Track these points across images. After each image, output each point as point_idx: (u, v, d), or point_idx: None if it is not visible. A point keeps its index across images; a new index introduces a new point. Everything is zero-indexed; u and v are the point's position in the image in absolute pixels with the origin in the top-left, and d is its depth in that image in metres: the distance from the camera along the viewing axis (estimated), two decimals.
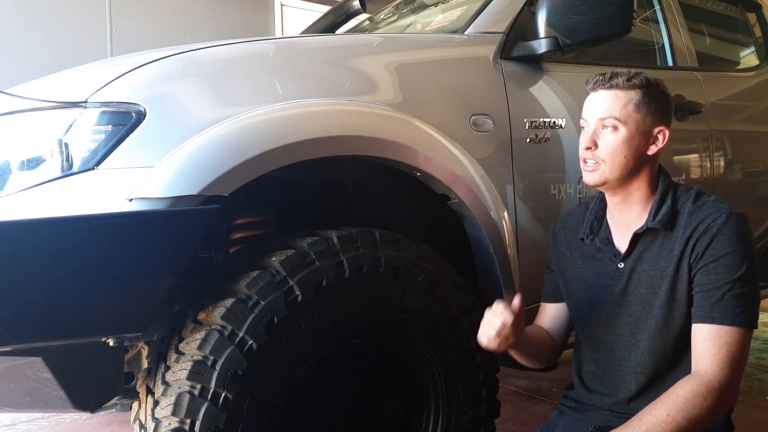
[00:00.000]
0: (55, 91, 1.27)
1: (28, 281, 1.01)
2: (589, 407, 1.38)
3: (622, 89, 1.27)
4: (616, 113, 1.26)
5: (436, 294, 1.45)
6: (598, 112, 1.28)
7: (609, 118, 1.26)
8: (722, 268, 1.19)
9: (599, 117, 1.27)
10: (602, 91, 1.28)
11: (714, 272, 1.20)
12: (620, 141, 1.26)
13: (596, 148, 1.27)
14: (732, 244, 1.20)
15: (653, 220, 1.27)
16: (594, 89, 1.30)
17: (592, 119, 1.29)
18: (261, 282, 1.23)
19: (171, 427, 1.16)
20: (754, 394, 2.61)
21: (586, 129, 1.31)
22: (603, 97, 1.28)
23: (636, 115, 1.26)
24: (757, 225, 2.51)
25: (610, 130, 1.27)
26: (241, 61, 1.36)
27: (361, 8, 2.78)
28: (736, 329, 1.17)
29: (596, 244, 1.37)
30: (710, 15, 2.87)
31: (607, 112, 1.27)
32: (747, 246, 1.21)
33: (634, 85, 1.26)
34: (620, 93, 1.27)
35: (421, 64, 1.59)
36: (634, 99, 1.26)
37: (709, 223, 1.22)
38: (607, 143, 1.26)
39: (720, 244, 1.20)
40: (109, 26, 4.46)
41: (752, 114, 2.60)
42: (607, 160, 1.26)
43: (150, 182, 1.14)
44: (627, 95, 1.26)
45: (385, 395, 1.52)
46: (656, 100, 1.28)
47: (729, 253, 1.19)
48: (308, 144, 1.29)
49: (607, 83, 1.28)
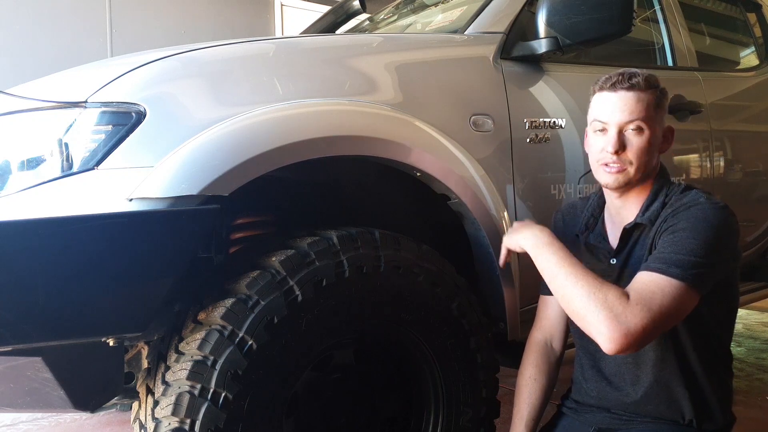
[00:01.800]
0: (55, 91, 1.27)
1: (29, 281, 1.00)
2: (589, 408, 1.38)
3: (643, 90, 1.26)
4: (642, 115, 1.25)
5: (436, 294, 1.45)
6: (622, 114, 1.25)
7: (636, 121, 1.25)
8: (676, 238, 1.17)
9: (625, 120, 1.25)
10: (623, 92, 1.26)
11: (667, 242, 1.18)
12: (647, 142, 1.25)
13: (623, 151, 1.26)
14: (693, 222, 1.18)
15: (642, 216, 1.28)
16: (613, 89, 1.27)
17: (613, 121, 1.26)
18: (261, 282, 1.23)
19: (171, 427, 1.16)
20: (754, 394, 2.61)
21: (606, 131, 1.28)
22: (626, 98, 1.26)
23: (655, 115, 1.27)
24: (757, 225, 2.51)
25: (634, 132, 1.25)
26: (241, 61, 1.36)
27: (361, 8, 2.78)
28: (669, 279, 1.13)
29: (590, 240, 1.38)
30: (710, 15, 2.87)
31: (633, 115, 1.25)
32: (711, 229, 1.17)
33: (650, 85, 1.27)
34: (641, 95, 1.26)
35: (421, 64, 1.59)
36: (653, 100, 1.27)
37: (678, 206, 1.22)
38: (634, 145, 1.25)
39: (682, 220, 1.19)
40: (109, 26, 4.46)
41: (752, 114, 2.60)
42: (635, 161, 1.26)
43: (150, 182, 1.14)
44: (647, 96, 1.26)
45: (385, 395, 1.52)
46: (666, 100, 1.30)
47: (686, 228, 1.17)
48: (308, 144, 1.29)
49: (626, 83, 1.26)
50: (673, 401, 1.27)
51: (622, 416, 1.32)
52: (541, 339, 1.48)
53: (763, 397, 2.58)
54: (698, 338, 1.26)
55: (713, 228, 1.17)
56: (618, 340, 1.08)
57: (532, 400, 1.42)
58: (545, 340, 1.48)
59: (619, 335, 1.08)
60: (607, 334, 1.09)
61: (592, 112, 1.32)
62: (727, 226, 1.19)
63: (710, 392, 1.27)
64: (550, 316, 1.48)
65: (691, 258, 1.14)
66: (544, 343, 1.47)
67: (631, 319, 1.08)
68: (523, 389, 1.44)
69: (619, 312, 1.09)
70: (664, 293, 1.11)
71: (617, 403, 1.33)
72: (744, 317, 4.01)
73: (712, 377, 1.28)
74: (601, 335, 1.10)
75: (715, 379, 1.29)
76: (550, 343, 1.48)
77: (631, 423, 1.31)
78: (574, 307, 1.15)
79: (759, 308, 4.08)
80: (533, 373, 1.44)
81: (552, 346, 1.48)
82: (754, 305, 3.46)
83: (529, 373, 1.45)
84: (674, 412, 1.27)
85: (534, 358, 1.46)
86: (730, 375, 1.34)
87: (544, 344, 1.47)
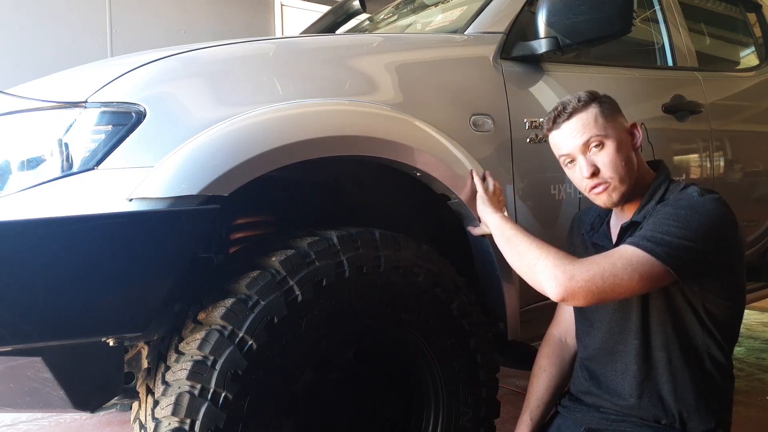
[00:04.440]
0: (55, 91, 1.27)
1: (29, 281, 1.00)
2: (581, 407, 1.39)
3: (581, 111, 1.30)
4: (594, 131, 1.28)
5: (436, 294, 1.45)
6: (576, 139, 1.30)
7: (591, 138, 1.28)
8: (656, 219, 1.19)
9: (581, 142, 1.29)
10: (565, 123, 1.31)
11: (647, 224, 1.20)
12: (613, 151, 1.28)
13: (598, 171, 1.29)
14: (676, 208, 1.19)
15: (638, 214, 1.30)
16: (556, 125, 1.33)
17: (573, 149, 1.31)
18: (261, 282, 1.23)
19: (171, 427, 1.16)
20: (754, 394, 2.62)
21: (575, 162, 1.32)
22: (572, 126, 1.30)
23: (607, 123, 1.30)
24: (757, 225, 2.51)
25: (597, 149, 1.29)
26: (241, 61, 1.36)
27: (361, 8, 2.78)
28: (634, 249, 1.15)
29: (594, 239, 1.39)
30: (710, 15, 2.87)
31: (585, 134, 1.29)
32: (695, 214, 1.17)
33: (586, 102, 1.30)
34: (582, 115, 1.30)
35: (421, 64, 1.59)
36: (596, 112, 1.30)
37: (671, 199, 1.25)
38: (604, 160, 1.28)
39: (668, 206, 1.21)
40: (109, 26, 4.46)
41: (752, 114, 2.60)
42: (614, 173, 1.28)
43: (150, 182, 1.14)
44: (589, 113, 1.30)
45: (385, 395, 1.52)
46: (610, 104, 1.33)
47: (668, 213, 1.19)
48: (308, 144, 1.29)
49: (565, 114, 1.31)
50: (661, 403, 1.27)
51: (611, 416, 1.33)
52: (557, 335, 1.54)
53: (763, 397, 2.58)
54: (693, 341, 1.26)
55: (698, 213, 1.18)
56: (562, 284, 1.13)
57: (539, 390, 1.47)
58: (560, 335, 1.54)
59: (563, 278, 1.13)
60: (552, 275, 1.14)
61: (555, 152, 1.38)
62: (717, 215, 1.19)
63: (702, 397, 1.26)
64: (567, 314, 1.53)
65: (665, 237, 1.15)
66: (559, 338, 1.54)
67: (577, 268, 1.14)
68: (532, 380, 1.51)
69: (566, 262, 1.16)
70: (623, 257, 1.15)
71: (607, 403, 1.34)
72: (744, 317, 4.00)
73: (707, 383, 1.27)
74: (547, 278, 1.15)
75: (709, 385, 1.27)
76: (565, 338, 1.53)
77: (620, 423, 1.32)
78: (527, 260, 1.20)
79: (759, 308, 4.08)
80: (544, 364, 1.51)
81: (567, 341, 1.53)
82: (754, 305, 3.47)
83: (540, 363, 1.51)
84: (663, 414, 1.27)
85: (547, 350, 1.52)
86: (730, 381, 1.32)
87: (559, 339, 1.53)
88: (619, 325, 1.31)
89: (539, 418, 1.45)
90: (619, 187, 1.29)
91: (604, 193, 1.29)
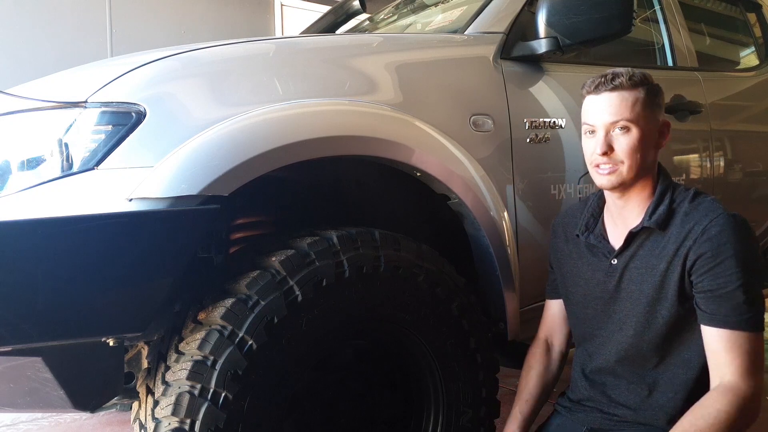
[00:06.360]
0: (55, 91, 1.27)
1: (29, 281, 1.00)
2: (583, 408, 1.39)
3: (627, 89, 1.25)
4: (627, 115, 1.24)
5: (436, 294, 1.45)
6: (607, 115, 1.26)
7: (621, 121, 1.25)
8: (728, 270, 1.17)
9: (610, 121, 1.25)
10: (606, 93, 1.26)
11: (721, 276, 1.18)
12: (636, 140, 1.25)
13: (612, 152, 1.26)
14: (734, 247, 1.18)
15: (649, 220, 1.27)
16: (597, 91, 1.28)
17: (599, 123, 1.27)
18: (261, 282, 1.23)
19: (171, 427, 1.16)
20: None
21: (595, 133, 1.28)
22: (609, 100, 1.26)
23: (644, 112, 1.26)
24: (757, 225, 2.51)
25: (621, 131, 1.25)
26: (241, 61, 1.36)
27: (361, 8, 2.78)
28: (751, 334, 1.17)
29: (590, 240, 1.37)
30: (710, 15, 2.87)
31: (617, 115, 1.25)
32: (749, 247, 1.20)
33: (636, 83, 1.26)
34: (625, 93, 1.25)
35: (421, 64, 1.59)
36: (640, 97, 1.26)
37: (707, 224, 1.20)
38: (623, 145, 1.25)
39: (722, 246, 1.18)
40: (109, 26, 4.46)
41: (752, 114, 2.60)
42: (626, 160, 1.25)
43: (150, 182, 1.14)
44: (633, 95, 1.25)
45: (385, 395, 1.52)
46: (658, 95, 1.29)
47: (732, 255, 1.17)
48: (308, 144, 1.29)
49: (610, 84, 1.26)
50: (666, 408, 1.27)
51: (614, 417, 1.32)
52: (544, 337, 1.55)
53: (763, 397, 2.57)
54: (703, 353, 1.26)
55: (751, 246, 1.21)
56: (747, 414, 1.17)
57: (528, 386, 1.48)
58: (547, 338, 1.55)
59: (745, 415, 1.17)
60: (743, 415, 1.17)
61: (582, 115, 1.33)
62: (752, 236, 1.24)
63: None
64: (553, 317, 1.54)
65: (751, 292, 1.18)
66: (545, 339, 1.54)
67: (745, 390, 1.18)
68: (522, 376, 1.51)
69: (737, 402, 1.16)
70: (749, 351, 1.18)
71: (612, 410, 1.33)
72: None
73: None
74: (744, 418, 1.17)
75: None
76: (552, 341, 1.54)
77: (622, 425, 1.31)
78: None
79: None
80: (532, 362, 1.51)
81: (554, 343, 1.54)
82: None
83: (529, 362, 1.52)
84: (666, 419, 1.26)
85: (534, 350, 1.53)
86: None
87: (545, 341, 1.54)
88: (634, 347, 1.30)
89: (528, 413, 1.45)
90: (625, 175, 1.26)
91: (608, 174, 1.26)
